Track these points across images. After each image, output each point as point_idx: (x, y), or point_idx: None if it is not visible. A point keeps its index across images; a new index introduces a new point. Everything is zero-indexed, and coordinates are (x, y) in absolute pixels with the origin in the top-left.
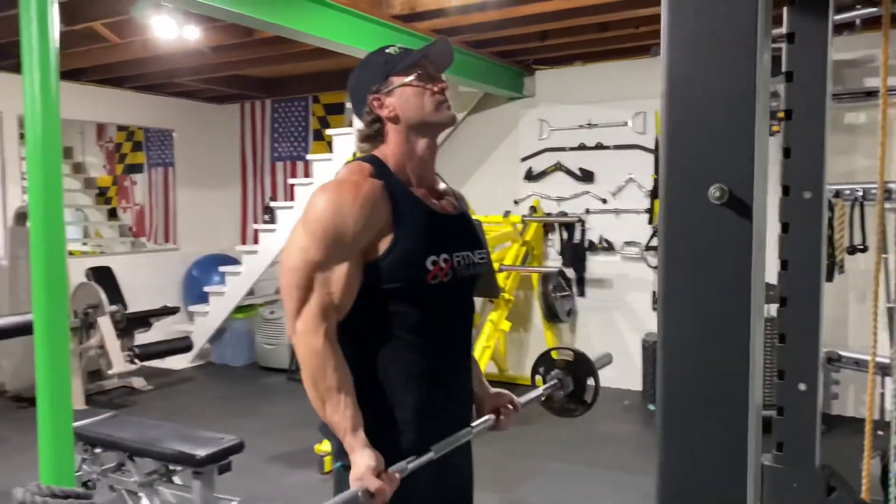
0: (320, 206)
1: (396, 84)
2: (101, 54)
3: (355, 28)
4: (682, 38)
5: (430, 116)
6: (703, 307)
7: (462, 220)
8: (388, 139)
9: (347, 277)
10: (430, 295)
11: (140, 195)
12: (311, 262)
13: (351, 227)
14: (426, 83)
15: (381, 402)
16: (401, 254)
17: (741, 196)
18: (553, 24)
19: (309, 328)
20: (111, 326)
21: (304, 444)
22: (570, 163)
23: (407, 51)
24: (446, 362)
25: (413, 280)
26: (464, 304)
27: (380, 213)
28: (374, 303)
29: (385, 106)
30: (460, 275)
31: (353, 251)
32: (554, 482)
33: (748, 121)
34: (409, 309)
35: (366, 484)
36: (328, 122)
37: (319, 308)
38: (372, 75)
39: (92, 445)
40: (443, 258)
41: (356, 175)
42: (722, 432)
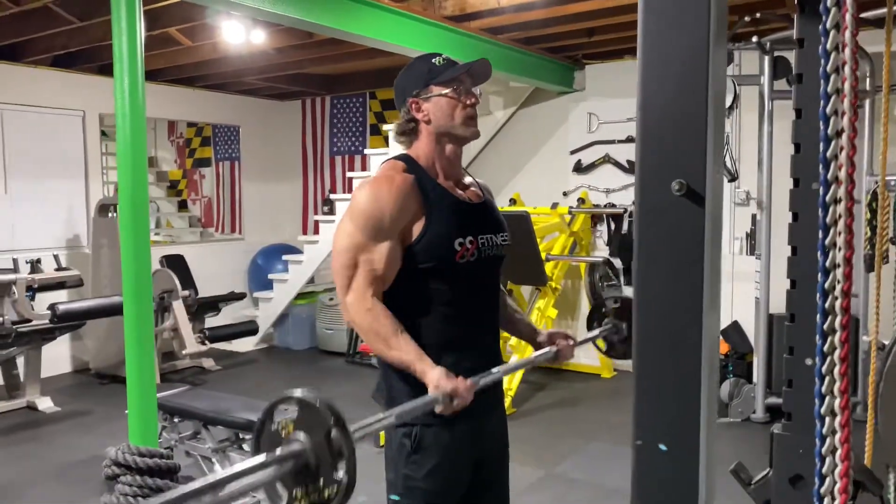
0: (361, 199)
1: (434, 93)
2: (175, 56)
3: (409, 29)
4: (650, 60)
5: (456, 129)
6: (668, 275)
7: (485, 207)
8: (421, 138)
9: (388, 255)
10: (460, 272)
11: (208, 188)
12: (356, 245)
13: (388, 213)
14: (460, 97)
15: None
16: (432, 237)
17: (696, 188)
18: (601, 20)
19: (357, 297)
20: (184, 310)
21: (362, 419)
22: (619, 155)
23: (450, 62)
24: (475, 330)
25: (444, 259)
26: (490, 280)
27: (412, 201)
28: (411, 281)
29: (421, 110)
30: (485, 254)
31: (391, 233)
32: (595, 460)
33: (701, 127)
34: (442, 285)
35: (443, 387)
36: (384, 117)
37: (365, 280)
38: (415, 80)
39: (171, 415)
40: (468, 240)
41: (390, 171)
42: (679, 372)
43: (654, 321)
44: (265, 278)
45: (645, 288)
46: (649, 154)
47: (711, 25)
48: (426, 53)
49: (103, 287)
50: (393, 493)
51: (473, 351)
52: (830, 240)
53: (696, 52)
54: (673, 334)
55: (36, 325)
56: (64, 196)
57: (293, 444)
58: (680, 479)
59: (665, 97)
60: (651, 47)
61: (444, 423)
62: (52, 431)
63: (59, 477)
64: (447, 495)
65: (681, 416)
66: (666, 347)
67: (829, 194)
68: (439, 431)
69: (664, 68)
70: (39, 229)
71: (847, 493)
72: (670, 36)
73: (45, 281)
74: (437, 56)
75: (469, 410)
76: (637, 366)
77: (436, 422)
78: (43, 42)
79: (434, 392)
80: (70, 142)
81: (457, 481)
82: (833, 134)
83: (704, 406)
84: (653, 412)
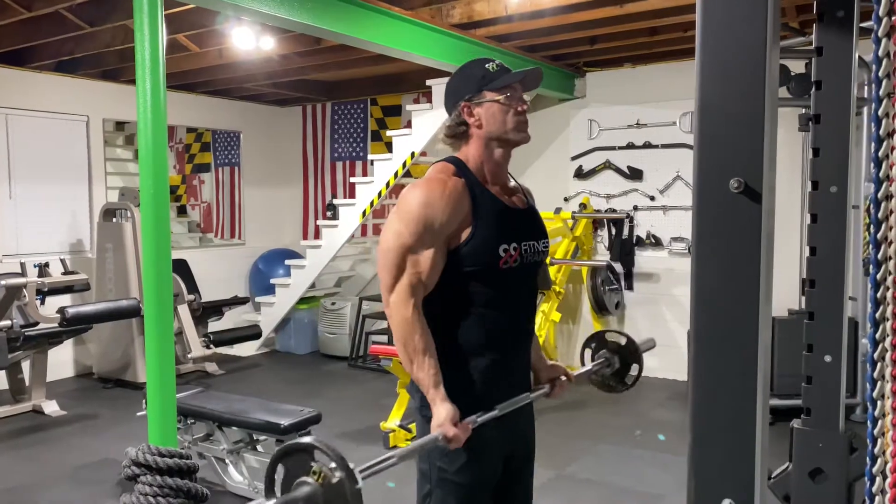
0: (413, 200)
1: (488, 98)
2: (180, 62)
3: (417, 36)
4: (708, 61)
5: (509, 134)
6: (725, 269)
7: (530, 213)
8: (471, 142)
9: (433, 260)
10: (501, 278)
11: (207, 193)
12: (405, 246)
13: (439, 218)
14: (512, 103)
15: (458, 365)
16: (478, 242)
17: (753, 186)
18: (603, 29)
19: (401, 300)
20: (189, 314)
21: (368, 423)
22: (619, 161)
23: (503, 69)
24: (513, 334)
25: (488, 265)
26: (529, 286)
27: (462, 206)
28: (454, 283)
29: (473, 115)
30: (527, 261)
31: (439, 238)
32: (603, 461)
33: (759, 127)
34: (484, 289)
35: (444, 430)
36: (385, 123)
37: (409, 285)
38: (468, 84)
39: (185, 416)
40: (513, 246)
41: (442, 174)
42: (735, 366)
43: (710, 316)
44: (267, 283)
45: (702, 282)
46: (707, 152)
47: (769, 26)
48: (479, 59)
49: (108, 291)
50: (425, 483)
51: (511, 354)
52: (882, 234)
53: (754, 53)
54: (730, 328)
55: (44, 328)
56: (68, 201)
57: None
58: (737, 467)
59: (723, 97)
60: (709, 48)
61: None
62: (61, 435)
63: (72, 479)
64: (479, 489)
65: (737, 408)
66: (723, 339)
67: (882, 191)
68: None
69: (722, 69)
70: (44, 234)
71: None
72: (728, 36)
73: (55, 284)
74: (490, 61)
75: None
76: (694, 357)
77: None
78: (51, 47)
79: (434, 431)
80: (74, 147)
81: (489, 476)
82: (885, 135)
83: (760, 398)
84: (709, 403)
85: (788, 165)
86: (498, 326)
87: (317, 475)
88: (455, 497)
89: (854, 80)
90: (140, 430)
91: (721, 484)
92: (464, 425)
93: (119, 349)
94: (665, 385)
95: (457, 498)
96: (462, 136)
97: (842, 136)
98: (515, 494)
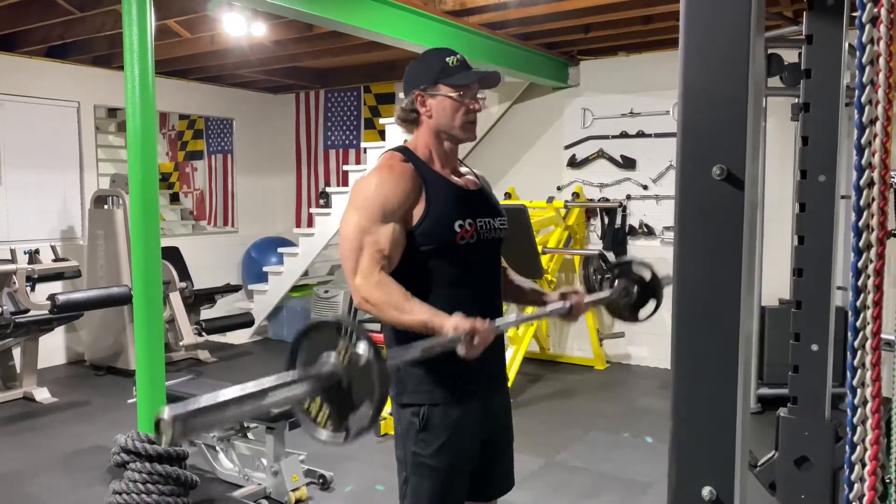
0: (364, 186)
1: (441, 92)
2: (171, 48)
3: (410, 23)
4: (692, 47)
5: (454, 130)
6: (706, 256)
7: (481, 193)
8: (420, 130)
9: (392, 234)
10: (461, 254)
11: (200, 181)
12: (361, 229)
13: (391, 198)
14: (465, 101)
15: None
16: (432, 220)
17: (736, 174)
18: (597, 17)
19: (366, 274)
20: (181, 302)
21: None
22: (613, 150)
23: (463, 65)
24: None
25: (444, 241)
26: (490, 262)
27: (412, 186)
28: (415, 264)
29: (425, 105)
30: (484, 237)
31: (394, 216)
32: (594, 449)
33: (742, 114)
34: (445, 266)
35: (462, 326)
36: (379, 111)
37: (371, 260)
38: (425, 74)
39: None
40: (468, 222)
41: (389, 160)
42: (716, 354)
43: (692, 303)
44: (259, 271)
45: (684, 270)
46: (690, 139)
47: (752, 11)
48: (441, 49)
49: (99, 278)
50: (402, 470)
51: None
52: (864, 221)
53: (737, 39)
54: (711, 316)
55: (34, 315)
56: (58, 187)
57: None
58: (717, 456)
59: (706, 83)
60: (693, 34)
61: (452, 402)
62: (52, 422)
63: (63, 466)
64: (455, 472)
65: (718, 396)
66: (704, 329)
67: (864, 178)
68: (447, 410)
69: (705, 55)
70: (34, 221)
71: (875, 476)
72: (712, 22)
73: (45, 271)
74: (452, 55)
75: (475, 390)
76: (676, 346)
77: (443, 400)
78: (40, 32)
79: (454, 333)
80: (65, 133)
81: (464, 458)
82: (867, 122)
83: (741, 386)
84: (691, 392)
85: (781, 156)
86: (462, 304)
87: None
88: (431, 481)
89: (844, 69)
90: (132, 418)
91: (701, 472)
92: (483, 321)
93: (111, 336)
94: (656, 374)
95: (432, 481)
96: (413, 122)
97: (831, 125)
98: (494, 480)
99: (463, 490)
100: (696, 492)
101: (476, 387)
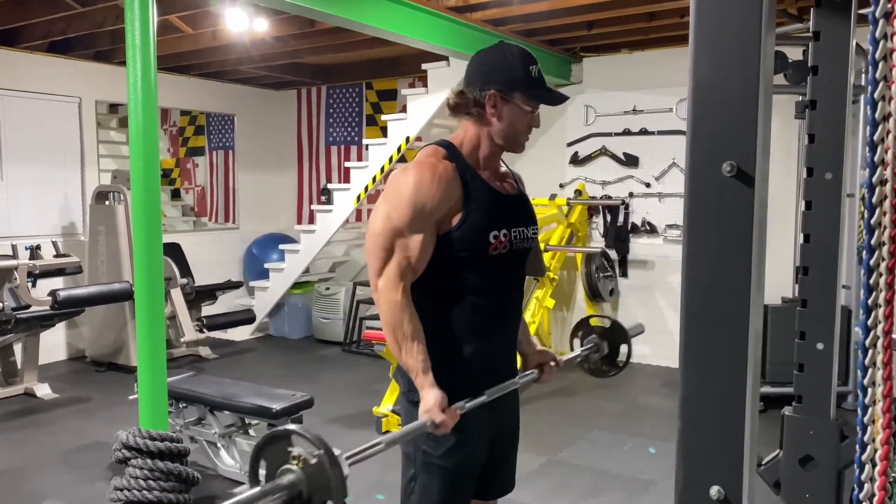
0: (403, 183)
1: (516, 101)
2: (173, 44)
3: (412, 19)
4: (702, 43)
5: (511, 141)
6: (716, 254)
7: (519, 199)
8: (475, 126)
9: (423, 244)
10: (490, 264)
11: (201, 177)
12: (394, 229)
13: (429, 202)
14: (532, 118)
15: (444, 350)
16: (469, 228)
17: (746, 170)
18: (600, 13)
19: (389, 285)
20: (182, 298)
21: (361, 407)
22: (615, 147)
23: (541, 80)
24: (500, 321)
25: (478, 251)
26: (517, 272)
27: (453, 190)
28: (444, 268)
29: (496, 107)
30: (515, 247)
31: (429, 222)
32: (595, 447)
33: (752, 111)
34: (472, 275)
35: (432, 416)
36: (381, 107)
37: (398, 268)
38: (506, 75)
39: (177, 400)
40: (503, 233)
41: (432, 157)
42: (725, 353)
43: (701, 302)
44: (260, 267)
45: (693, 268)
46: (700, 136)
47: (764, 8)
48: (523, 52)
49: (101, 274)
50: (409, 467)
51: (498, 340)
52: (876, 219)
53: (748, 35)
54: (720, 315)
55: (36, 311)
56: (60, 183)
57: (286, 476)
58: (725, 455)
59: (717, 80)
60: (703, 30)
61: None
62: (53, 417)
63: (65, 462)
64: (464, 472)
65: (726, 395)
66: (713, 326)
67: (876, 175)
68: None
69: (716, 51)
70: (35, 216)
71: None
72: (723, 19)
73: (46, 267)
74: (534, 63)
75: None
76: (684, 344)
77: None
78: (42, 27)
79: (422, 417)
80: (66, 128)
81: (474, 459)
82: (880, 118)
83: (750, 386)
84: (699, 390)
85: (785, 154)
86: (485, 313)
87: (297, 460)
88: (440, 481)
89: (851, 66)
90: (132, 414)
91: (709, 472)
92: (452, 411)
93: (112, 332)
94: (658, 372)
95: (441, 482)
96: (468, 115)
97: (837, 123)
98: (496, 481)
99: (470, 490)
100: (704, 492)
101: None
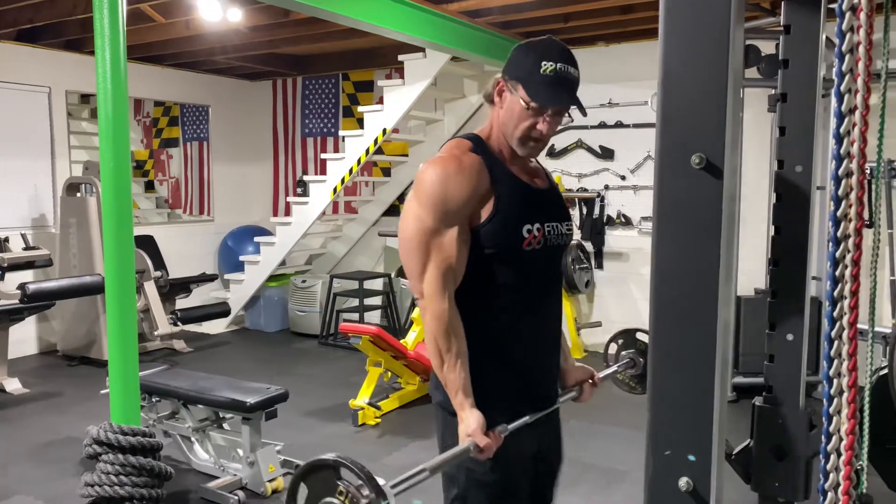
0: (428, 179)
1: (518, 93)
2: (145, 33)
3: (388, 10)
4: (672, 36)
5: (512, 140)
6: (685, 245)
7: (552, 193)
8: (494, 119)
9: (459, 242)
10: (525, 260)
11: (175, 168)
12: (426, 229)
13: (457, 195)
14: (536, 117)
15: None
16: (500, 221)
17: (715, 162)
18: (577, 6)
19: (435, 292)
20: (156, 291)
21: (337, 400)
22: (591, 140)
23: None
24: (541, 325)
25: (511, 246)
26: (554, 269)
27: (481, 182)
28: (475, 267)
29: (501, 96)
30: (550, 243)
31: (460, 216)
32: (574, 438)
33: (721, 104)
34: (505, 271)
35: (476, 440)
36: (357, 99)
37: (440, 273)
38: (519, 64)
39: (149, 394)
40: (536, 227)
41: (457, 150)
42: (693, 345)
43: (670, 291)
44: (236, 260)
45: (662, 259)
46: (670, 128)
47: (733, 2)
48: (551, 45)
49: (72, 267)
50: (452, 486)
51: (538, 345)
52: (842, 211)
53: (717, 28)
54: (689, 306)
55: (4, 304)
56: (29, 174)
57: None
58: (694, 447)
59: (686, 72)
60: (673, 22)
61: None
62: (23, 413)
63: (35, 458)
64: (513, 487)
65: (695, 386)
66: (682, 318)
67: (842, 168)
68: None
69: (686, 44)
70: (4, 208)
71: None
72: (692, 13)
73: (15, 260)
74: (552, 60)
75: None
76: (653, 336)
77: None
78: (9, 15)
79: (465, 441)
80: (36, 119)
81: (521, 472)
82: (847, 111)
83: (718, 377)
84: (668, 381)
85: (758, 147)
86: (525, 315)
87: (343, 496)
88: (489, 496)
89: (821, 60)
90: (105, 409)
91: (678, 463)
92: (495, 434)
93: (84, 326)
94: None
95: (489, 497)
96: (490, 104)
97: (808, 116)
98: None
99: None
100: (673, 483)
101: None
